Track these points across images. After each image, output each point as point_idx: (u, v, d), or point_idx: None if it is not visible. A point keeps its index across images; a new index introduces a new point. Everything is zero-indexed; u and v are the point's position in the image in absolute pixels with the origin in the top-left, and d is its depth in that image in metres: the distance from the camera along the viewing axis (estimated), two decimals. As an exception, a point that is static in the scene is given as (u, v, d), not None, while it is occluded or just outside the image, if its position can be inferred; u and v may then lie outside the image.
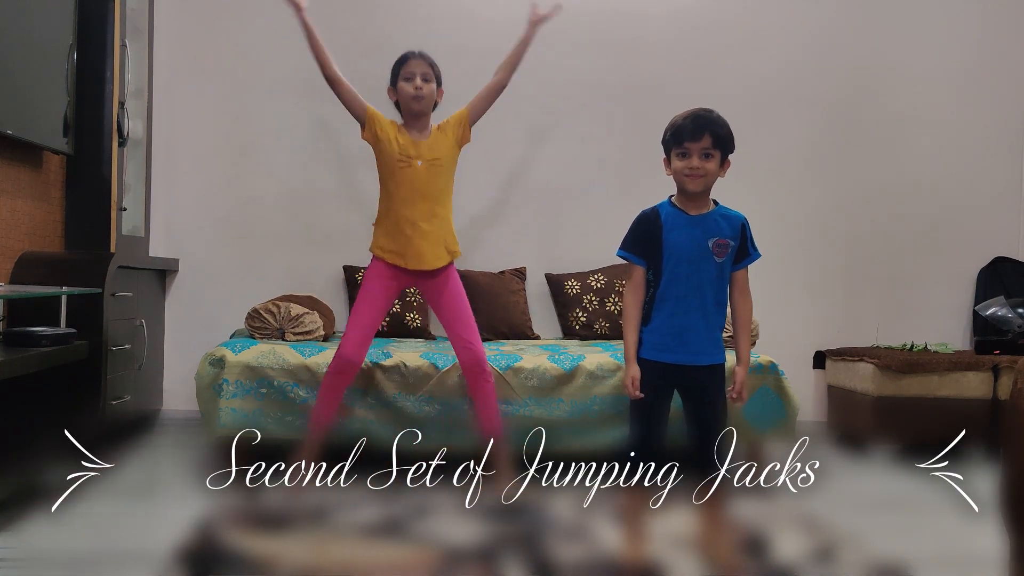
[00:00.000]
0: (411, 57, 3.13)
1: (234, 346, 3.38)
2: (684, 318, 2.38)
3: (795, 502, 3.13)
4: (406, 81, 3.10)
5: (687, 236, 2.37)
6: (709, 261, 2.39)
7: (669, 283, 2.37)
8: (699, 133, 2.33)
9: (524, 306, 4.30)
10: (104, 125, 3.78)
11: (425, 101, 3.10)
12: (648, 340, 2.41)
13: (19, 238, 3.48)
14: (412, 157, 3.08)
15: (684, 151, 2.34)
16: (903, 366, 3.97)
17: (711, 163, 2.35)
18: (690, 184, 2.35)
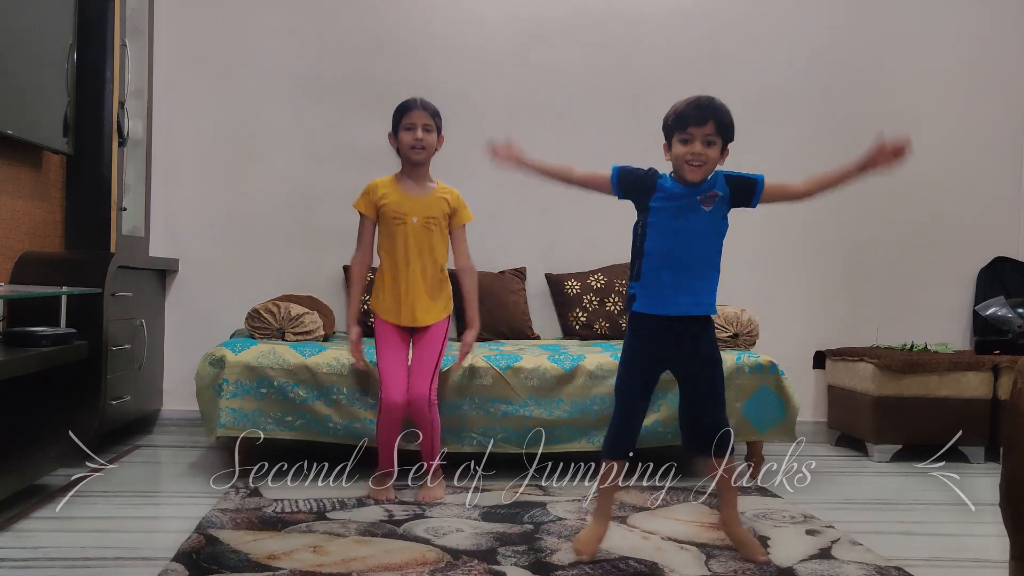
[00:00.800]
0: (413, 107, 3.12)
1: (234, 346, 3.38)
2: (670, 271, 2.38)
3: (795, 502, 3.14)
4: (407, 131, 3.11)
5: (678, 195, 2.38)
6: (698, 213, 2.37)
7: (655, 236, 2.38)
8: (703, 119, 2.32)
9: (524, 306, 4.30)
10: (104, 125, 3.78)
11: (426, 152, 3.13)
12: (641, 292, 2.42)
13: (19, 238, 3.49)
14: (407, 214, 3.11)
15: (687, 136, 2.34)
16: (903, 366, 3.98)
17: (713, 150, 2.35)
18: (690, 174, 2.36)
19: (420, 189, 3.16)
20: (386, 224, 3.14)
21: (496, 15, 4.49)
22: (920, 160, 4.66)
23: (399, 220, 3.11)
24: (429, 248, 3.13)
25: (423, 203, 3.13)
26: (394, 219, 3.11)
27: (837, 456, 4.14)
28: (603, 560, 2.41)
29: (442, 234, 3.17)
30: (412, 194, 3.14)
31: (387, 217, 3.12)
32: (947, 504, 3.26)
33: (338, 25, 4.42)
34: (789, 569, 2.38)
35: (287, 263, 4.37)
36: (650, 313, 2.41)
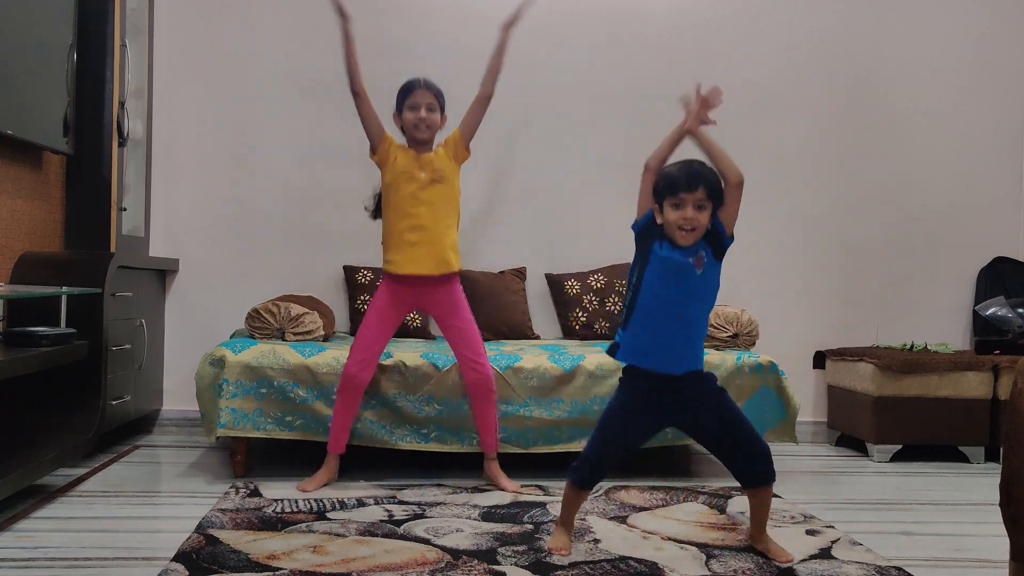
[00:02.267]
0: (416, 87, 3.21)
1: (234, 346, 3.38)
2: (660, 329, 2.41)
3: (795, 502, 3.15)
4: (411, 110, 3.19)
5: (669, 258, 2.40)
6: (691, 274, 2.40)
7: (647, 295, 2.42)
8: (693, 185, 2.35)
9: (524, 306, 4.30)
10: (104, 125, 3.78)
11: (430, 131, 3.21)
12: (626, 345, 2.45)
13: (19, 238, 3.49)
14: (415, 169, 3.18)
15: (678, 202, 2.36)
16: (903, 366, 3.98)
17: (704, 215, 2.37)
18: (681, 239, 2.38)
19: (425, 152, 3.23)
20: (395, 181, 3.19)
21: (496, 15, 4.48)
22: (920, 159, 4.69)
23: (406, 176, 3.17)
24: (439, 201, 3.19)
25: (429, 159, 3.21)
26: (402, 173, 3.17)
27: (837, 456, 4.14)
28: (603, 560, 2.41)
29: (452, 192, 3.23)
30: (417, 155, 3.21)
31: (397, 173, 3.18)
32: (947, 504, 3.27)
33: (338, 25, 4.41)
34: (789, 569, 2.38)
35: (287, 263, 4.37)
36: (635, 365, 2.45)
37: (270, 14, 4.40)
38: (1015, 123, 4.70)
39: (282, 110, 4.39)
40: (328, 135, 4.37)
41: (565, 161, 4.50)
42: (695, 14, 4.54)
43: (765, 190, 4.55)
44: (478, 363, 3.21)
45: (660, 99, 4.55)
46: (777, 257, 4.58)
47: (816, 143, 4.61)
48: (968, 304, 4.67)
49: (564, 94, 4.49)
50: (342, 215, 4.33)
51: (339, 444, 3.22)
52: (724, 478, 3.53)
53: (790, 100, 4.59)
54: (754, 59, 4.57)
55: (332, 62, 4.43)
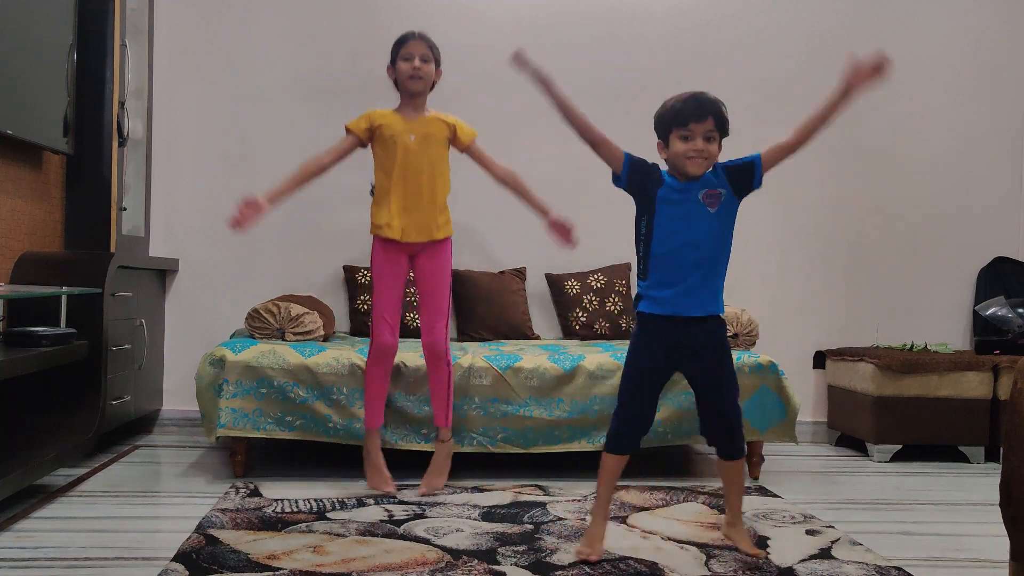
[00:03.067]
0: (411, 38, 3.18)
1: (234, 346, 3.38)
2: (679, 271, 2.35)
3: (795, 502, 3.15)
4: (405, 61, 3.15)
5: (682, 195, 2.35)
6: (703, 213, 2.34)
7: (662, 237, 2.36)
8: (703, 115, 2.31)
9: (524, 306, 4.30)
10: (104, 125, 3.78)
11: (423, 81, 3.16)
12: (647, 293, 2.40)
13: (19, 238, 3.49)
14: (404, 132, 3.15)
15: (687, 133, 2.31)
16: (903, 366, 3.98)
17: (713, 146, 2.33)
18: (692, 167, 2.32)
19: (417, 114, 3.20)
20: (384, 144, 3.16)
21: (496, 15, 4.49)
22: (920, 160, 4.69)
23: (396, 138, 3.14)
24: (428, 164, 3.16)
25: (420, 122, 3.17)
26: (391, 137, 3.14)
27: (837, 456, 4.14)
28: (603, 560, 2.41)
29: (442, 153, 3.20)
30: (409, 117, 3.18)
31: (384, 137, 3.15)
32: (947, 504, 3.27)
33: (338, 25, 4.42)
34: (789, 569, 2.38)
35: (287, 263, 4.37)
36: (658, 314, 2.39)
37: (270, 14, 4.40)
38: (1015, 123, 4.70)
39: (282, 110, 4.39)
40: (328, 135, 4.33)
41: (565, 161, 4.49)
42: (695, 14, 4.54)
43: (765, 190, 4.52)
44: (432, 326, 3.16)
45: (660, 99, 4.55)
46: (777, 257, 4.58)
47: (816, 143, 4.58)
48: (968, 304, 4.67)
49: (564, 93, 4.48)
50: (342, 215, 4.33)
51: (379, 417, 3.18)
52: (724, 478, 3.53)
53: (790, 100, 4.58)
54: (754, 59, 4.57)
55: (332, 62, 4.45)
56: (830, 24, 4.59)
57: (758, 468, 3.56)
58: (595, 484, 3.08)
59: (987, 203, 4.68)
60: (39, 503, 2.89)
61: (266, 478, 3.32)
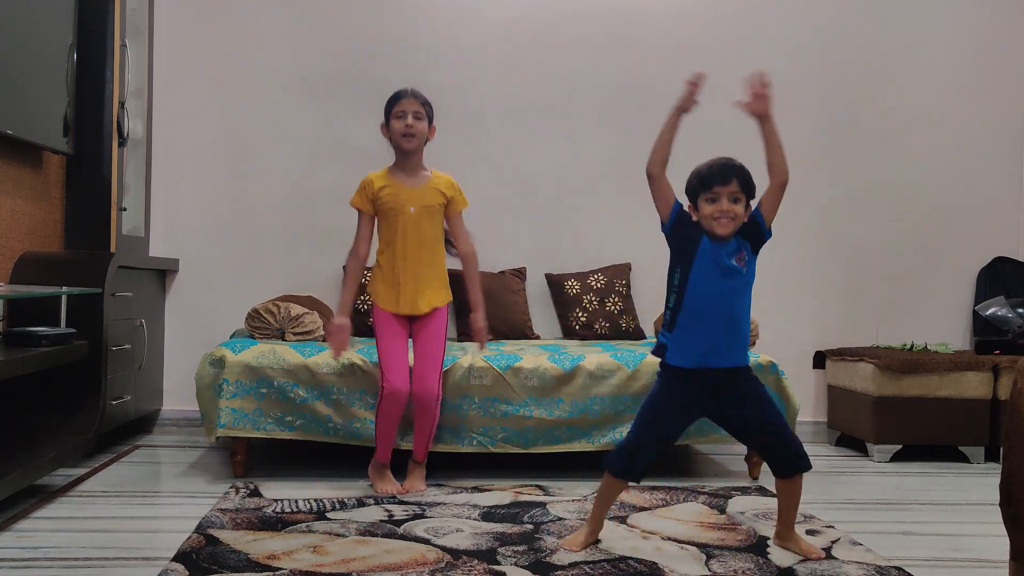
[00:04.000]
0: (403, 96, 3.17)
1: (234, 346, 3.38)
2: (708, 325, 2.44)
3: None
4: (398, 119, 3.15)
5: (715, 257, 2.44)
6: (736, 274, 2.46)
7: (696, 292, 2.44)
8: (727, 178, 2.43)
9: (524, 306, 4.30)
10: (104, 125, 3.78)
11: (416, 139, 3.15)
12: (673, 347, 2.48)
13: (19, 238, 3.49)
14: (404, 203, 3.15)
15: (714, 196, 2.42)
16: (903, 366, 3.98)
17: (740, 207, 2.44)
18: (719, 228, 2.42)
19: (415, 179, 3.18)
20: (383, 215, 3.17)
21: (496, 15, 4.49)
22: (920, 160, 4.69)
23: (396, 211, 3.14)
24: (427, 237, 3.16)
25: (419, 192, 3.16)
26: (391, 210, 3.14)
27: (837, 456, 4.14)
28: (603, 560, 2.41)
29: (438, 222, 3.21)
30: (408, 184, 3.17)
31: (384, 209, 3.15)
32: (947, 504, 3.27)
33: (338, 25, 4.42)
34: (789, 569, 2.38)
35: (287, 263, 4.37)
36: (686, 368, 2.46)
37: (270, 14, 4.40)
38: (1015, 123, 4.70)
39: (282, 110, 4.39)
40: (328, 135, 4.37)
41: (565, 161, 4.50)
42: (695, 14, 4.54)
43: (765, 190, 4.54)
44: (424, 375, 3.13)
45: (660, 99, 4.54)
46: (777, 257, 4.56)
47: (816, 143, 4.61)
48: (968, 304, 4.67)
49: (564, 94, 4.49)
50: (342, 215, 4.31)
51: (387, 454, 3.19)
52: (724, 478, 3.53)
53: (790, 100, 4.57)
54: (754, 59, 4.55)
55: (332, 62, 4.45)
56: (830, 24, 4.59)
57: (758, 468, 3.56)
58: (595, 484, 3.07)
59: (987, 203, 4.68)
60: (39, 503, 2.89)
61: (266, 478, 3.32)
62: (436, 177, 3.21)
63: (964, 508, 3.20)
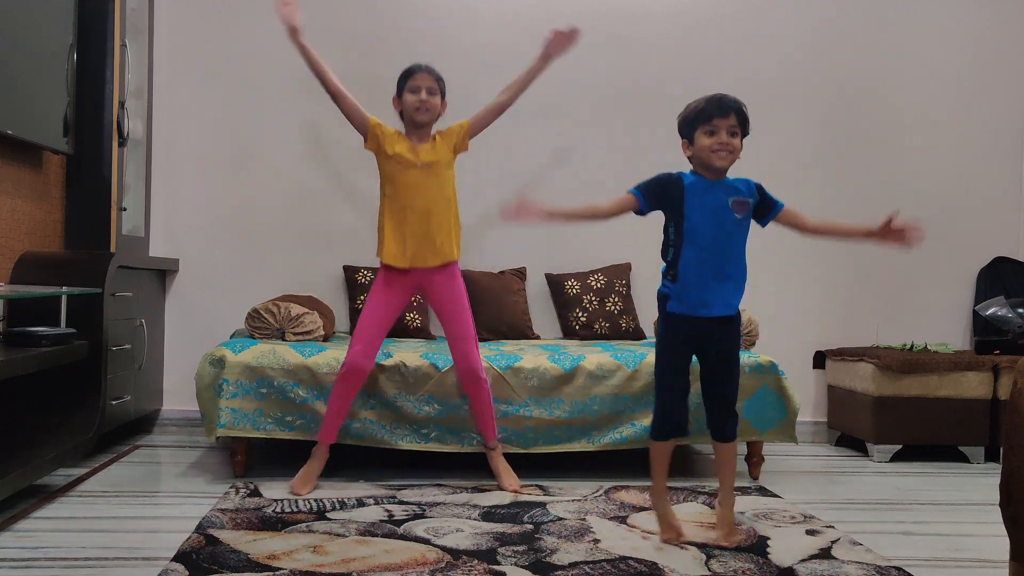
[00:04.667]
0: (417, 70, 3.21)
1: (234, 346, 3.38)
2: (706, 274, 2.52)
3: (795, 502, 3.15)
4: (412, 93, 3.19)
5: (710, 198, 2.50)
6: (730, 218, 2.51)
7: (691, 241, 2.50)
8: (726, 111, 2.48)
9: (524, 306, 4.30)
10: (104, 125, 3.78)
11: (430, 113, 3.20)
12: (674, 296, 2.55)
13: (19, 238, 3.49)
14: (411, 160, 3.18)
15: (712, 128, 2.48)
16: (903, 366, 3.98)
17: (737, 140, 2.50)
18: (718, 160, 2.48)
19: (423, 141, 3.24)
20: (390, 172, 3.19)
21: (496, 15, 4.49)
22: (920, 160, 4.69)
23: (403, 167, 3.17)
24: (434, 192, 3.19)
25: (426, 148, 3.21)
26: (399, 165, 3.17)
27: (837, 456, 4.14)
28: (603, 560, 2.41)
29: (449, 176, 3.24)
30: (415, 143, 3.21)
31: (391, 164, 3.18)
32: (947, 504, 3.27)
33: (338, 25, 4.42)
34: (789, 569, 2.38)
35: (287, 263, 4.37)
36: (684, 315, 2.55)
37: (270, 14, 4.38)
38: (1015, 123, 4.70)
39: (282, 110, 4.39)
40: (328, 135, 4.37)
41: (565, 161, 4.50)
42: (695, 14, 4.54)
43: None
44: (465, 352, 3.20)
45: (660, 99, 4.56)
46: (777, 257, 4.58)
47: (816, 143, 4.61)
48: (968, 304, 4.67)
49: (564, 94, 4.48)
50: (342, 215, 4.33)
51: (332, 434, 3.19)
52: (724, 478, 3.53)
53: (790, 100, 4.59)
54: (754, 59, 4.57)
55: (332, 62, 4.43)
56: (830, 24, 4.59)
57: (758, 468, 3.56)
58: (595, 484, 3.07)
59: (987, 203, 4.68)
60: (39, 503, 2.89)
61: (266, 478, 3.32)
62: (439, 134, 3.26)
63: (964, 508, 3.20)
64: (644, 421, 3.34)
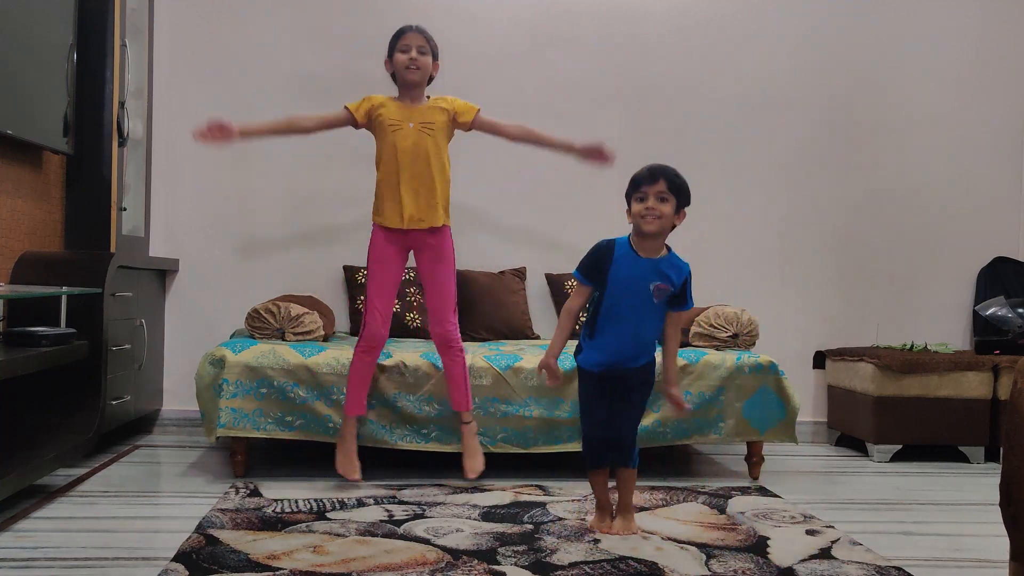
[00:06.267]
0: (408, 31, 3.22)
1: (234, 346, 3.38)
2: (620, 340, 2.64)
3: (795, 502, 3.15)
4: (402, 52, 3.19)
5: (632, 275, 2.61)
6: (648, 301, 2.62)
7: (610, 310, 2.64)
8: (655, 179, 2.57)
9: (524, 306, 4.30)
10: (104, 125, 3.78)
11: (420, 72, 3.19)
12: (587, 352, 2.71)
13: (19, 238, 3.49)
14: (403, 120, 3.18)
15: (642, 195, 2.58)
16: (903, 366, 3.98)
17: (667, 207, 2.58)
18: (646, 225, 2.58)
19: (416, 103, 3.23)
20: (383, 132, 3.19)
21: (496, 15, 4.49)
22: (920, 160, 4.69)
23: (396, 126, 3.17)
24: (428, 154, 3.18)
25: (420, 111, 3.20)
26: (391, 125, 3.17)
27: (837, 456, 4.14)
28: (603, 560, 2.41)
29: (442, 142, 3.23)
30: (408, 104, 3.21)
31: (383, 125, 3.18)
32: (947, 504, 3.27)
33: (338, 25, 4.42)
34: (789, 569, 2.38)
35: (287, 263, 4.37)
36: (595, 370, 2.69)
37: (270, 14, 4.40)
38: (1015, 123, 4.70)
39: (282, 110, 4.35)
40: (328, 135, 4.33)
41: (566, 161, 4.49)
42: (695, 14, 4.54)
43: (765, 190, 4.55)
44: (442, 317, 3.22)
45: (660, 99, 4.56)
46: (777, 257, 4.58)
47: (816, 143, 4.61)
48: (968, 304, 4.68)
49: (564, 94, 4.49)
50: (342, 215, 4.33)
51: (361, 405, 3.23)
52: (724, 478, 3.54)
53: (790, 100, 4.59)
54: (754, 59, 4.57)
55: (332, 62, 4.45)
56: (830, 24, 4.59)
57: (758, 468, 3.56)
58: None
59: (987, 203, 4.68)
60: (39, 503, 2.89)
61: (266, 478, 3.32)
62: (436, 99, 3.25)
63: (964, 508, 3.20)
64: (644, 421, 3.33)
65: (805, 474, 3.73)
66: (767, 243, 4.56)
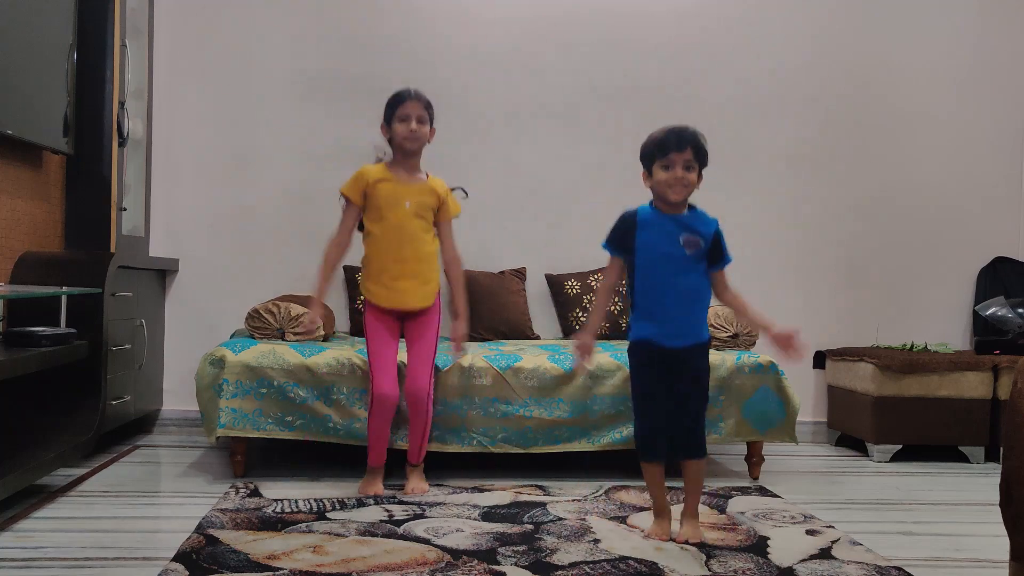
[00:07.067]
0: (407, 98, 3.14)
1: (234, 346, 3.38)
2: (662, 304, 2.57)
3: (795, 502, 3.15)
4: (401, 122, 3.13)
5: (658, 232, 2.55)
6: (681, 256, 2.54)
7: (645, 274, 2.57)
8: (683, 145, 2.50)
9: (524, 306, 4.30)
10: (104, 125, 3.78)
11: (419, 142, 3.16)
12: (635, 328, 2.62)
13: (19, 238, 3.49)
14: (399, 199, 3.13)
15: (668, 163, 2.50)
16: (903, 366, 3.98)
17: (693, 174, 2.52)
18: (673, 194, 2.52)
19: (413, 178, 3.18)
20: (377, 209, 3.14)
21: (495, 15, 4.49)
22: (920, 160, 4.69)
23: (392, 205, 3.12)
24: (420, 233, 3.15)
25: (416, 189, 3.16)
26: (386, 204, 3.13)
27: (837, 456, 4.14)
28: (603, 560, 2.41)
29: (431, 222, 3.20)
30: (405, 181, 3.16)
31: (378, 202, 3.14)
32: (947, 504, 3.27)
33: (338, 25, 4.42)
34: (789, 569, 2.38)
35: (287, 263, 4.36)
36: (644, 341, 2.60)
37: (269, 14, 4.40)
38: (1015, 123, 4.70)
39: (282, 110, 4.39)
40: (328, 135, 4.37)
41: (566, 161, 4.50)
42: (696, 14, 4.54)
43: (765, 190, 4.55)
44: (417, 374, 3.14)
45: (660, 99, 4.56)
46: (777, 257, 4.58)
47: (816, 143, 4.61)
48: (968, 304, 4.68)
49: (564, 94, 4.49)
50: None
51: (382, 456, 3.18)
52: (724, 478, 3.53)
53: (790, 100, 4.59)
54: (754, 59, 4.57)
55: (332, 62, 4.44)
56: (830, 24, 4.59)
57: (758, 468, 3.56)
58: (595, 484, 3.06)
59: (987, 203, 4.68)
60: (39, 503, 2.89)
61: (266, 478, 3.32)
62: (432, 180, 3.21)
63: (964, 508, 3.20)
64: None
65: (805, 474, 3.73)
66: (767, 243, 4.56)
